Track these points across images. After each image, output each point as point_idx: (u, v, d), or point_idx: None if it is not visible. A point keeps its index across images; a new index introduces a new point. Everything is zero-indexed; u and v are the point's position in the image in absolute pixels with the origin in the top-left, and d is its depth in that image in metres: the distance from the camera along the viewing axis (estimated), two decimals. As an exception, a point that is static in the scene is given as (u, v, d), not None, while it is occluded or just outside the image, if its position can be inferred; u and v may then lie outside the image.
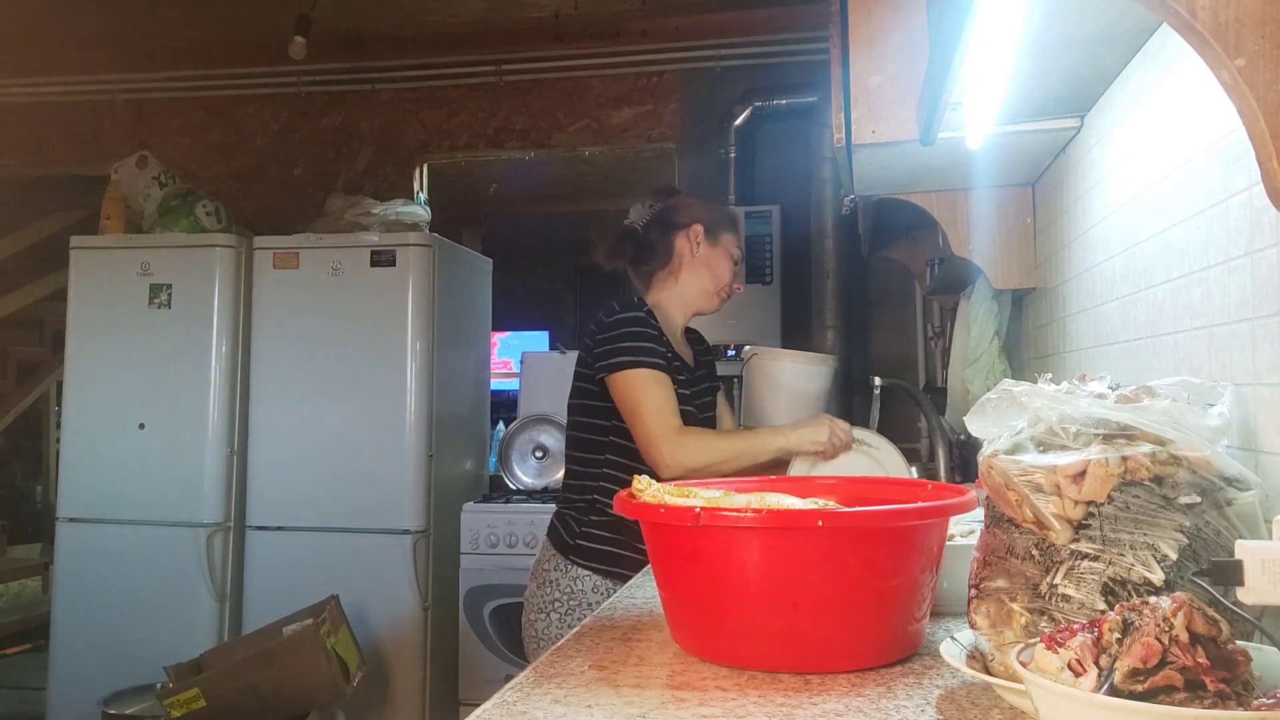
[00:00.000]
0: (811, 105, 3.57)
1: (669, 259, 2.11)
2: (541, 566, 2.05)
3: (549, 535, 2.08)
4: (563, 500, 2.10)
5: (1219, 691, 0.66)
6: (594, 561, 1.99)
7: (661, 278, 2.13)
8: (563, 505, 2.09)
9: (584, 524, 2.01)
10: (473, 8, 3.83)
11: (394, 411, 3.37)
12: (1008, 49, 1.31)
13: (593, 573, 1.98)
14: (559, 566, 2.01)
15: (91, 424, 3.54)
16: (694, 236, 2.09)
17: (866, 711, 0.90)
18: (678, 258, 2.10)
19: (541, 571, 2.04)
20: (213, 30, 4.05)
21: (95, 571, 3.47)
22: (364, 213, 3.52)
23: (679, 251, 2.10)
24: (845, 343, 3.55)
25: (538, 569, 2.06)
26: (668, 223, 2.12)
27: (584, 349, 2.05)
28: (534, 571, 2.07)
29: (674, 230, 2.11)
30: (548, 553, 2.05)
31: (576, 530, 2.01)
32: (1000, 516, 0.95)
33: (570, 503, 2.07)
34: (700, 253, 2.10)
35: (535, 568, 2.07)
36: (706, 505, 1.08)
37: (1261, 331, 1.00)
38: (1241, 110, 0.76)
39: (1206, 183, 1.16)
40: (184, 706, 2.62)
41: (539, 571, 2.05)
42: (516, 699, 0.96)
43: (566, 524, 2.04)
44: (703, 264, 2.10)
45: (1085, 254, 1.76)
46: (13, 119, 4.39)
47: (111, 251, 3.60)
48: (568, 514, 2.06)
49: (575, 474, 2.09)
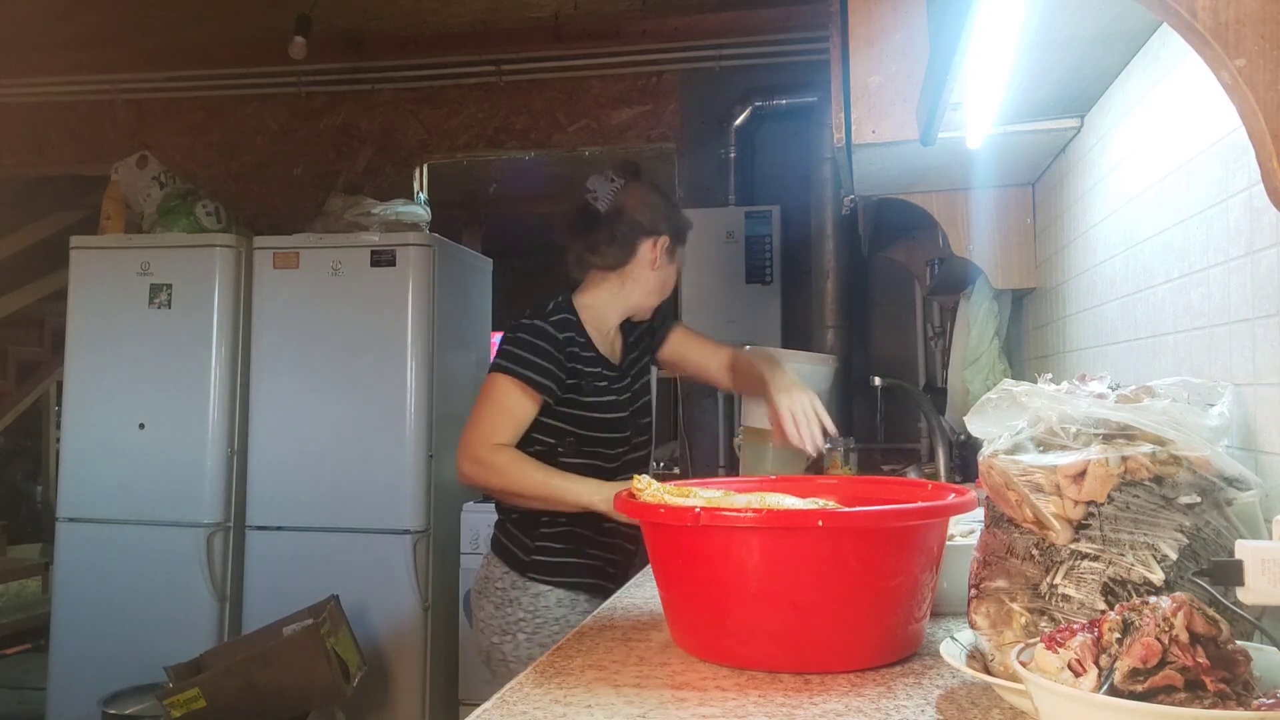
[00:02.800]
0: (811, 105, 3.57)
1: (625, 260, 1.95)
2: (494, 585, 1.93)
3: (496, 552, 1.97)
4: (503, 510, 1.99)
5: (1219, 691, 0.66)
6: (554, 575, 1.90)
7: (608, 277, 1.97)
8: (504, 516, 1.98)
9: (534, 537, 1.92)
10: (473, 8, 3.83)
11: (394, 411, 3.37)
12: (1008, 49, 1.31)
13: (554, 587, 1.90)
14: (517, 584, 1.90)
15: (91, 424, 3.54)
16: (659, 246, 1.95)
17: (866, 711, 0.90)
18: (635, 264, 1.95)
19: (497, 591, 1.92)
20: (213, 30, 4.05)
21: (95, 571, 3.47)
22: (364, 213, 3.52)
23: (640, 258, 1.95)
24: (845, 343, 3.55)
25: (489, 588, 1.94)
26: (634, 222, 1.94)
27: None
28: (483, 590, 1.95)
29: (640, 233, 1.94)
30: (498, 569, 1.94)
31: (530, 545, 1.91)
32: (1000, 516, 0.95)
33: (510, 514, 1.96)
34: (659, 266, 1.97)
35: (485, 586, 1.95)
36: (706, 505, 1.08)
37: (1261, 331, 1.00)
38: (1241, 110, 0.76)
39: (1206, 183, 1.16)
40: (184, 706, 2.62)
41: (492, 591, 1.93)
42: (516, 699, 0.96)
43: (514, 538, 1.94)
44: (657, 277, 1.98)
45: (1085, 254, 1.76)
46: (13, 119, 4.39)
47: (111, 251, 3.60)
48: (512, 528, 1.95)
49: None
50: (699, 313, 3.61)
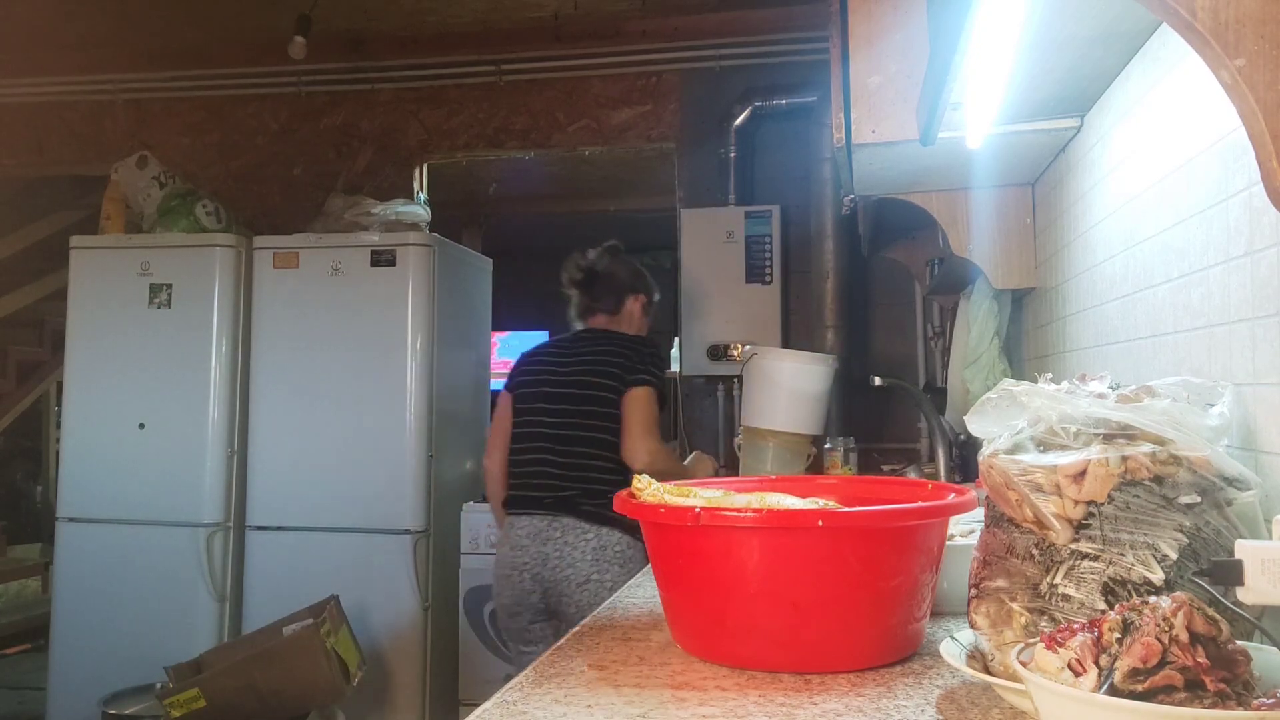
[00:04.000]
0: (811, 105, 3.57)
1: (616, 309, 2.69)
2: (614, 549, 2.46)
3: (602, 524, 2.46)
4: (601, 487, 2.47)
5: (1219, 691, 0.66)
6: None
7: (602, 320, 2.70)
8: (602, 490, 2.45)
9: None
10: (473, 8, 3.83)
11: (394, 411, 3.37)
12: (1008, 49, 1.31)
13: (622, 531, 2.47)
14: (633, 545, 2.46)
15: (91, 424, 3.54)
16: (641, 303, 2.73)
17: (866, 711, 0.90)
18: (625, 313, 2.71)
19: (616, 554, 2.45)
20: (213, 30, 4.05)
21: (95, 571, 3.47)
22: (364, 213, 3.52)
23: (628, 310, 2.71)
24: (845, 343, 3.54)
25: (608, 554, 2.45)
26: (624, 283, 2.71)
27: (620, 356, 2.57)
28: (604, 557, 2.44)
29: (628, 291, 2.71)
30: (613, 536, 2.46)
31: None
32: (1000, 516, 0.95)
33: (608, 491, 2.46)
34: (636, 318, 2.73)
35: (603, 554, 2.45)
36: (706, 505, 1.08)
37: (1261, 331, 1.00)
38: (1241, 110, 0.76)
39: (1206, 183, 1.16)
40: (184, 706, 2.62)
41: (613, 556, 2.45)
42: (516, 699, 0.96)
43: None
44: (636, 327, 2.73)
45: (1085, 254, 1.76)
46: (13, 119, 4.39)
47: (111, 251, 3.60)
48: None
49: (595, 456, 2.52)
50: (699, 313, 3.61)
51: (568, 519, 2.47)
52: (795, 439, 2.75)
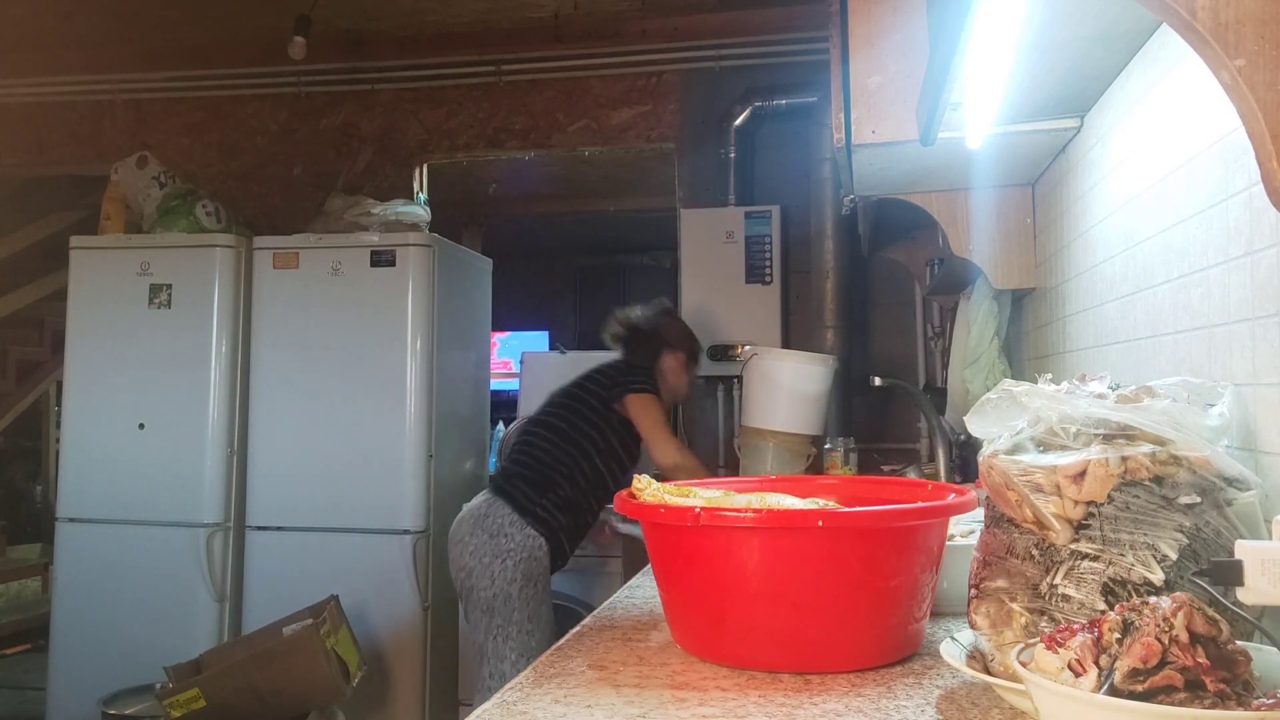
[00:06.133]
0: (811, 105, 3.57)
1: (653, 364, 2.81)
2: (493, 520, 2.61)
3: (499, 495, 2.65)
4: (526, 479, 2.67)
5: (1219, 691, 0.66)
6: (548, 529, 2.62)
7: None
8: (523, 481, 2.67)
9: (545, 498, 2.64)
10: (473, 8, 3.83)
11: (394, 411, 3.37)
12: (1008, 49, 1.31)
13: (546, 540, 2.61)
14: (515, 523, 2.59)
15: (91, 424, 3.54)
16: (677, 359, 2.85)
17: (866, 711, 0.90)
18: (660, 369, 2.82)
19: (494, 524, 2.60)
20: (212, 30, 4.05)
21: (95, 571, 3.47)
22: (364, 213, 3.52)
23: (663, 365, 2.83)
24: (845, 343, 3.54)
25: (486, 522, 2.61)
26: (661, 339, 2.85)
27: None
28: (480, 523, 2.62)
29: (664, 347, 2.84)
30: (502, 509, 2.62)
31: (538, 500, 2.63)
32: (1000, 516, 0.95)
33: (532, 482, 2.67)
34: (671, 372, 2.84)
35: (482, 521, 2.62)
36: (706, 505, 1.08)
37: (1261, 331, 1.00)
38: (1241, 110, 0.76)
39: (1206, 183, 1.16)
40: (184, 706, 2.62)
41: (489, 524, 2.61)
42: (516, 699, 0.96)
43: (525, 494, 2.65)
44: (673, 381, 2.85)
45: (1085, 254, 1.76)
46: (13, 119, 4.39)
47: (111, 251, 3.60)
48: (524, 485, 2.66)
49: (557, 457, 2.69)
50: (699, 313, 3.61)
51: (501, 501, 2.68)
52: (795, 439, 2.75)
